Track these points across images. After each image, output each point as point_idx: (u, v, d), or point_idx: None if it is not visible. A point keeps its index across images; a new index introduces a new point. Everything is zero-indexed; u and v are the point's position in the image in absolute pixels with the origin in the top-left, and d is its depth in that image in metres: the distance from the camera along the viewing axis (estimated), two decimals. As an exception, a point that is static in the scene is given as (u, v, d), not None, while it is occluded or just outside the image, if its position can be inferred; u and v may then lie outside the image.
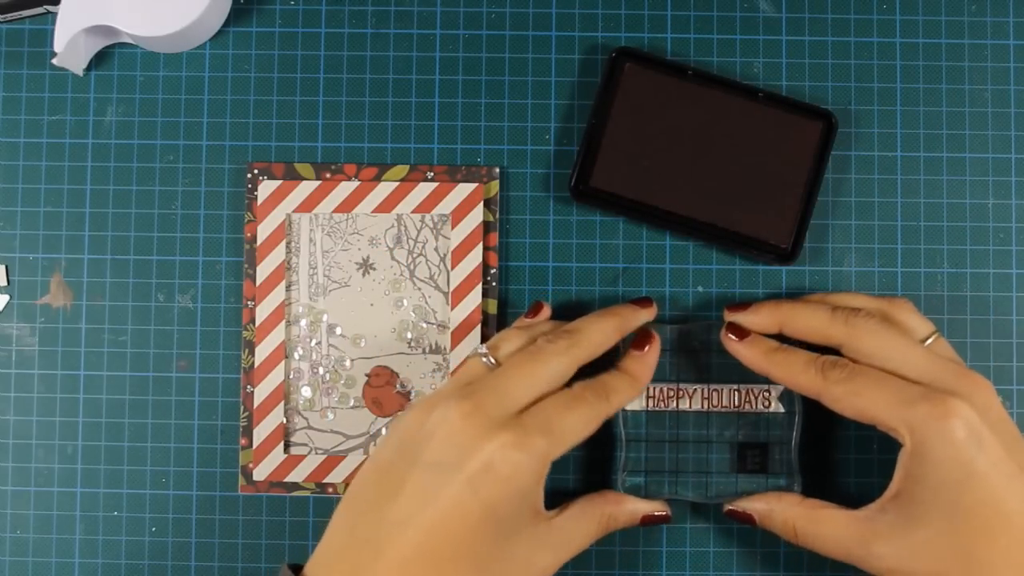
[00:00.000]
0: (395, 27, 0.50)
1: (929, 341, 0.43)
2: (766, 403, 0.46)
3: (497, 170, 0.48)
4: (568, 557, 0.41)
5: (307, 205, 0.48)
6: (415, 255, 0.48)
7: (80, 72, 0.49)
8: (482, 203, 0.48)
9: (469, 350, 0.47)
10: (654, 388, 0.46)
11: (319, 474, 0.47)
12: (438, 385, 0.48)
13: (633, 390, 0.43)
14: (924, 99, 0.49)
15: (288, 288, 0.48)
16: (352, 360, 0.48)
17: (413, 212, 0.48)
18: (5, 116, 0.49)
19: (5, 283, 0.49)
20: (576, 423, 0.40)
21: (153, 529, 0.48)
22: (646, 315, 0.46)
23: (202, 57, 0.49)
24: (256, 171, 0.48)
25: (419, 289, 0.48)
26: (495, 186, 0.48)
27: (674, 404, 0.46)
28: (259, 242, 0.48)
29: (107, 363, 0.49)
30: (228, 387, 0.48)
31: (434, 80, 0.49)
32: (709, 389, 0.46)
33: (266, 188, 0.48)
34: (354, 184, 0.48)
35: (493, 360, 0.42)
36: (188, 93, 0.49)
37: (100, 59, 0.49)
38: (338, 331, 0.48)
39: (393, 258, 0.48)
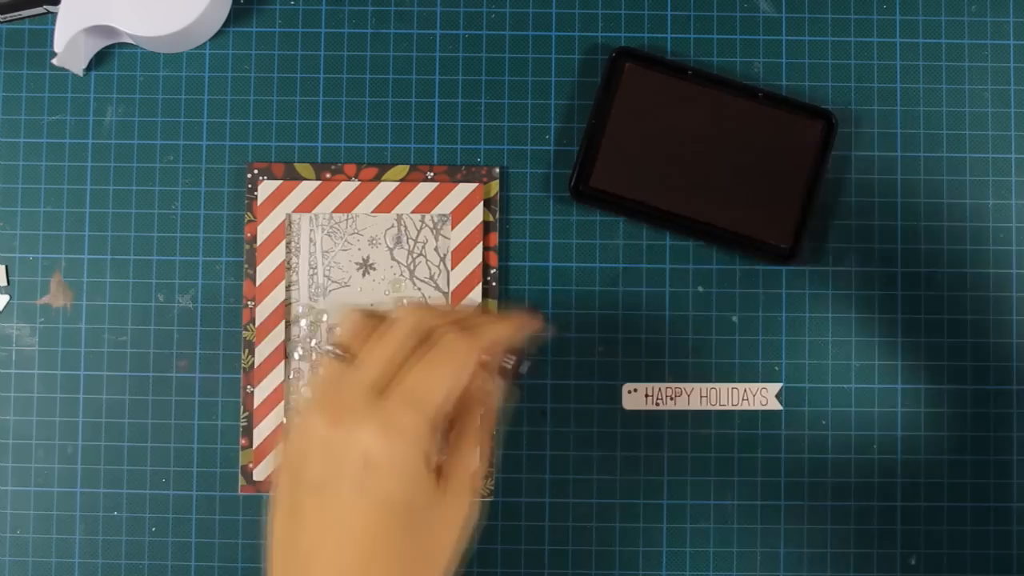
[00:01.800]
0: (395, 27, 0.50)
1: None
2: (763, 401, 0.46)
3: (497, 170, 0.48)
4: (477, 490, 0.40)
5: (307, 205, 0.48)
6: (415, 255, 0.48)
7: (80, 72, 0.49)
8: (482, 203, 0.48)
9: None
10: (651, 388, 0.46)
11: None
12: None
13: (510, 332, 0.40)
14: (924, 99, 0.49)
15: (288, 288, 0.48)
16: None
17: (413, 212, 0.48)
18: (5, 116, 0.49)
19: (5, 283, 0.49)
20: (438, 379, 0.37)
21: (153, 529, 0.48)
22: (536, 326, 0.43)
23: (202, 57, 0.49)
24: (256, 171, 0.48)
25: (419, 289, 0.48)
26: (495, 186, 0.48)
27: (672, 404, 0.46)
28: (259, 242, 0.48)
29: (107, 363, 0.49)
30: (228, 387, 0.48)
31: (434, 80, 0.49)
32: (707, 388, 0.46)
33: (266, 188, 0.48)
34: (354, 184, 0.48)
35: (343, 352, 0.39)
36: (188, 93, 0.49)
37: (100, 59, 0.49)
38: (338, 331, 0.48)
39: (393, 258, 0.48)
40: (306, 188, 0.48)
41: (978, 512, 0.48)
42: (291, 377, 0.48)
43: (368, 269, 0.48)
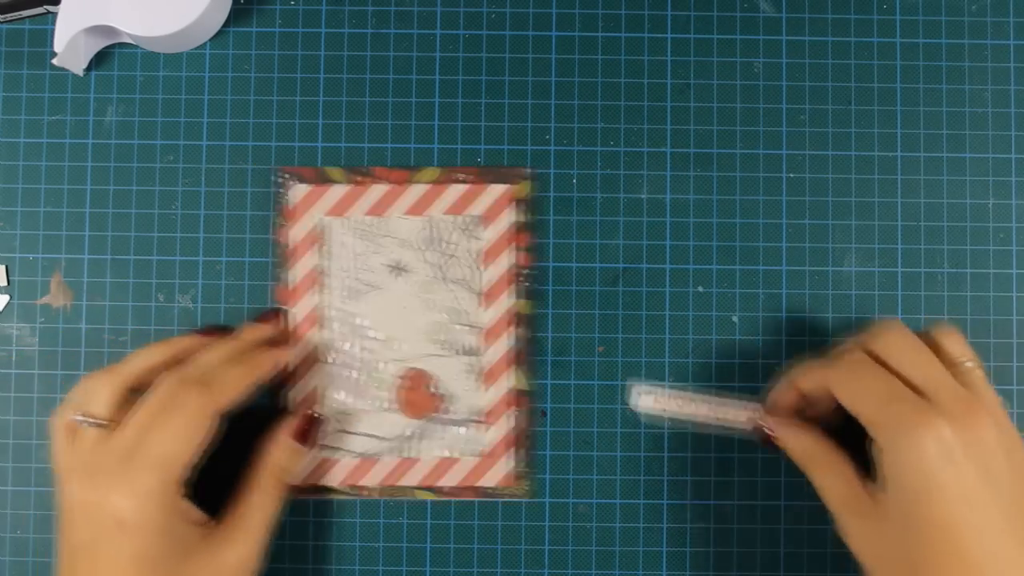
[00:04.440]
0: (395, 27, 0.50)
1: (964, 366, 0.41)
2: None
3: (528, 171, 0.48)
4: (263, 537, 0.43)
5: (339, 209, 0.48)
6: (447, 257, 0.48)
7: (80, 72, 0.49)
8: (513, 203, 0.48)
9: (502, 350, 0.47)
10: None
11: (354, 477, 0.47)
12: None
13: (242, 377, 0.43)
14: (924, 99, 0.49)
15: (320, 292, 0.48)
16: (385, 362, 0.48)
17: (445, 214, 0.48)
18: (5, 116, 0.49)
19: (5, 283, 0.49)
20: (175, 439, 0.40)
21: (153, 529, 0.48)
22: (270, 331, 0.47)
23: (202, 57, 0.49)
24: (286, 175, 0.48)
25: (451, 291, 0.48)
26: (526, 187, 0.48)
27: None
28: (291, 246, 0.47)
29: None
30: (228, 387, 0.48)
31: (434, 80, 0.49)
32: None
33: (297, 192, 0.48)
34: (385, 187, 0.48)
35: (100, 421, 0.41)
36: (188, 93, 0.49)
37: (100, 59, 0.49)
38: (371, 334, 0.48)
39: (425, 260, 0.48)
40: (337, 192, 0.48)
41: (978, 512, 0.48)
42: (324, 380, 0.48)
43: (400, 271, 0.48)
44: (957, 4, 0.50)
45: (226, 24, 0.50)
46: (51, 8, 0.48)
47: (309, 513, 0.48)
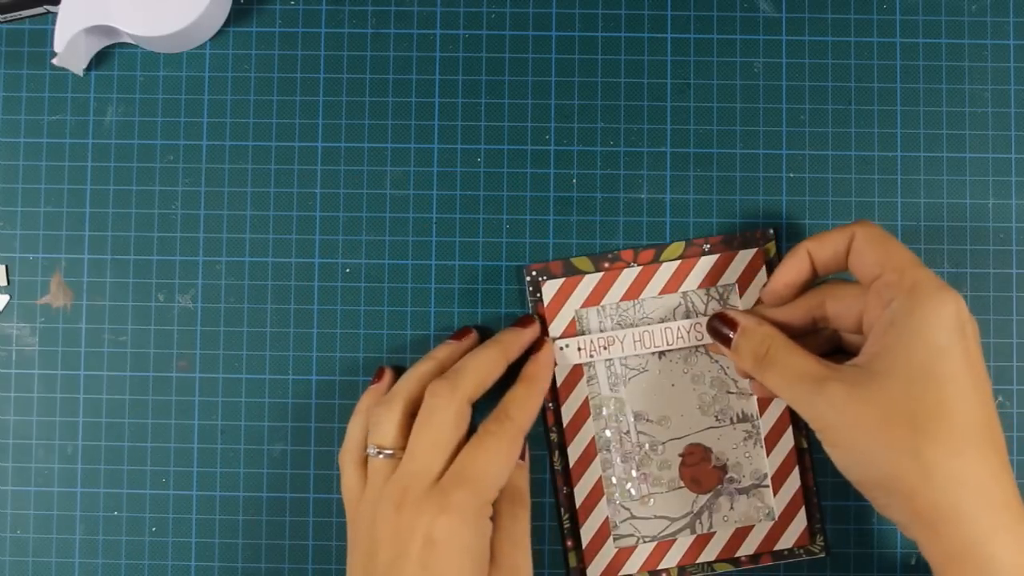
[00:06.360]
0: (395, 27, 0.50)
1: None
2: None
3: (772, 231, 0.48)
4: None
5: (594, 298, 0.47)
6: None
7: (80, 72, 0.49)
8: (764, 267, 0.47)
9: (778, 411, 0.47)
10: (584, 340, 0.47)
11: (651, 562, 0.47)
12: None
13: (531, 395, 0.44)
14: (924, 99, 0.49)
15: (588, 383, 0.47)
16: (663, 443, 0.47)
17: (698, 288, 0.47)
18: (5, 116, 0.49)
19: (5, 283, 0.49)
20: (489, 461, 0.42)
21: (153, 529, 0.48)
22: (529, 333, 0.47)
23: (202, 57, 0.49)
24: (535, 272, 0.48)
25: (715, 360, 0.48)
26: (772, 247, 0.48)
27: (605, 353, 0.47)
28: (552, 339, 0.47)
29: (107, 363, 0.49)
30: (228, 387, 0.48)
31: (434, 80, 0.49)
32: (640, 332, 0.47)
33: (550, 288, 0.47)
34: (635, 270, 0.47)
35: (390, 451, 0.43)
36: (188, 93, 0.49)
37: (100, 59, 0.49)
38: (645, 417, 0.48)
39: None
40: (589, 282, 0.47)
41: (978, 512, 0.48)
42: (606, 471, 0.47)
43: (662, 351, 0.48)
44: (957, 4, 0.50)
45: (226, 24, 0.50)
46: (51, 8, 0.48)
47: (309, 513, 0.48)
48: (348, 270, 0.49)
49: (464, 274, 0.49)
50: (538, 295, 0.48)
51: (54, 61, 0.47)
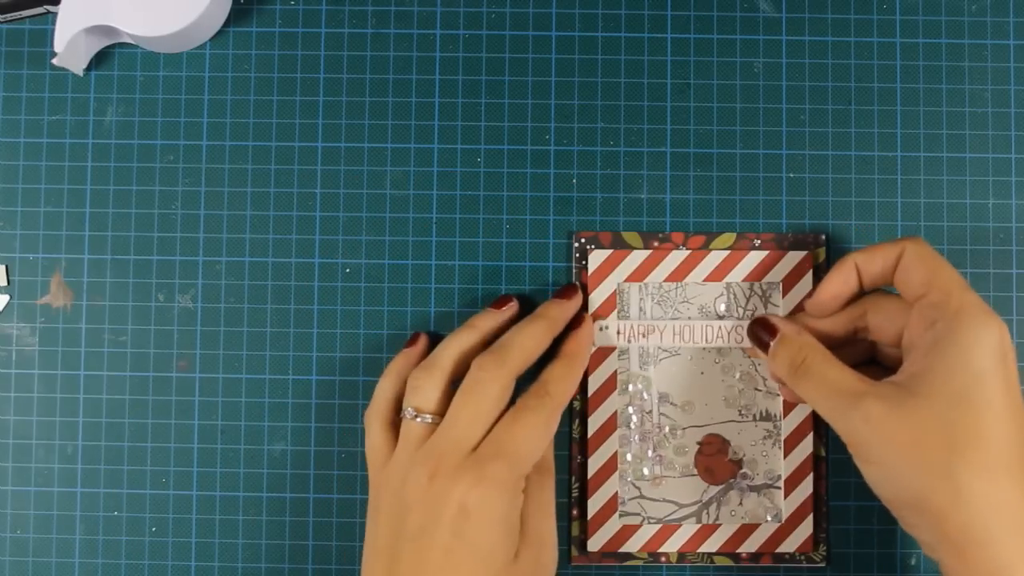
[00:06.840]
0: (395, 27, 0.50)
1: None
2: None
3: (823, 237, 0.48)
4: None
5: (638, 275, 0.47)
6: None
7: (80, 72, 0.49)
8: (811, 271, 0.47)
9: (802, 416, 0.47)
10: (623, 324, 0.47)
11: (653, 544, 0.47)
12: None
13: (571, 373, 0.44)
14: (924, 99, 0.49)
15: (619, 357, 0.47)
16: (683, 428, 0.47)
17: (743, 281, 0.47)
18: (5, 116, 0.49)
19: (5, 283, 0.49)
20: (527, 436, 0.42)
21: (153, 529, 0.48)
22: (573, 306, 0.46)
23: (202, 57, 0.49)
24: (583, 240, 0.48)
25: (748, 356, 0.48)
26: (822, 252, 0.48)
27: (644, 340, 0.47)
28: (591, 311, 0.47)
29: (107, 363, 0.49)
30: (228, 387, 0.48)
31: (434, 80, 0.49)
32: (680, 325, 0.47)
33: (596, 258, 0.47)
34: (684, 253, 0.47)
35: (428, 417, 0.43)
36: (188, 93, 0.49)
37: (100, 59, 0.49)
38: (669, 400, 0.47)
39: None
40: (636, 258, 0.47)
41: (978, 512, 0.48)
42: (622, 447, 0.47)
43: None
44: (957, 4, 0.50)
45: (226, 24, 0.50)
46: (51, 8, 0.48)
47: (309, 513, 0.48)
48: (348, 270, 0.49)
49: (464, 274, 0.49)
50: (584, 262, 0.48)
51: (54, 61, 0.47)
